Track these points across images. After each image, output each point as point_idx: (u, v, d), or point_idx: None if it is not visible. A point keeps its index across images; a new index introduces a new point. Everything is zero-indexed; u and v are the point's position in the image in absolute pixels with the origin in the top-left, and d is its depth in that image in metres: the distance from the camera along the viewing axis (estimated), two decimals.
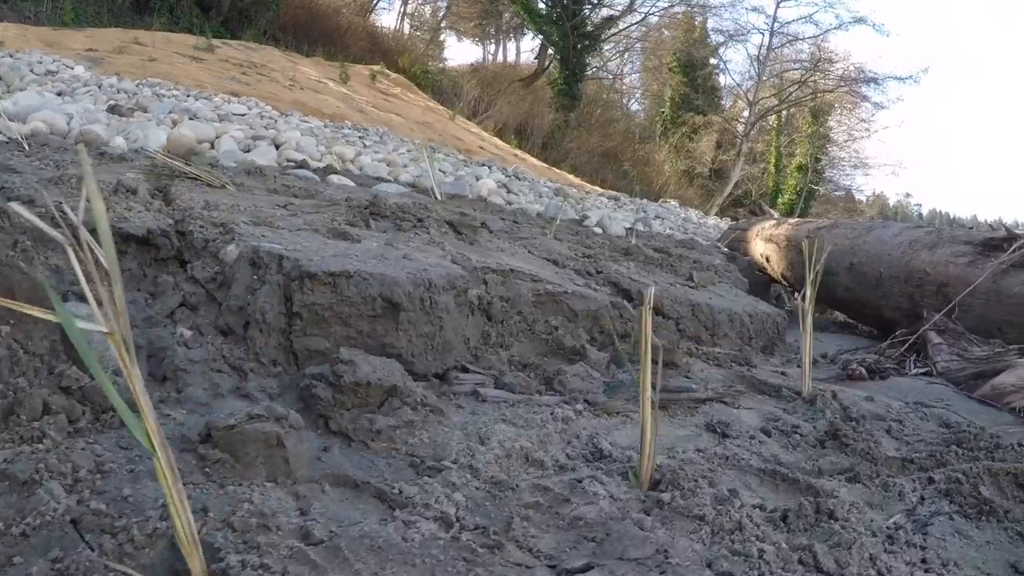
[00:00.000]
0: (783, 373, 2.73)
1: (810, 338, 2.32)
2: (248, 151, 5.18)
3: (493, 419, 1.61)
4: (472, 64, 31.28)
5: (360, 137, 8.35)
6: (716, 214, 21.58)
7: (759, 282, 6.89)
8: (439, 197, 4.09)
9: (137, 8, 17.60)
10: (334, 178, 3.39)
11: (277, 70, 14.65)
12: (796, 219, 7.56)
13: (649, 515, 1.27)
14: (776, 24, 26.31)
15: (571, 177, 15.89)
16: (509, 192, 6.73)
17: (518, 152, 16.36)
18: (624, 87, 36.84)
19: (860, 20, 24.72)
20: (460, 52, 60.29)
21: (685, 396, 2.08)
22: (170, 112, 6.54)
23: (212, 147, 5.35)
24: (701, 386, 2.17)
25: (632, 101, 37.57)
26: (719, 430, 1.86)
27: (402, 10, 31.76)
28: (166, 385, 1.54)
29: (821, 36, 26.00)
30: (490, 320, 2.17)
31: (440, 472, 1.25)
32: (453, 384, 1.79)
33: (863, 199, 36.48)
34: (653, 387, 1.99)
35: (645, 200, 14.61)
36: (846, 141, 29.42)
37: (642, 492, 1.34)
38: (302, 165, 4.90)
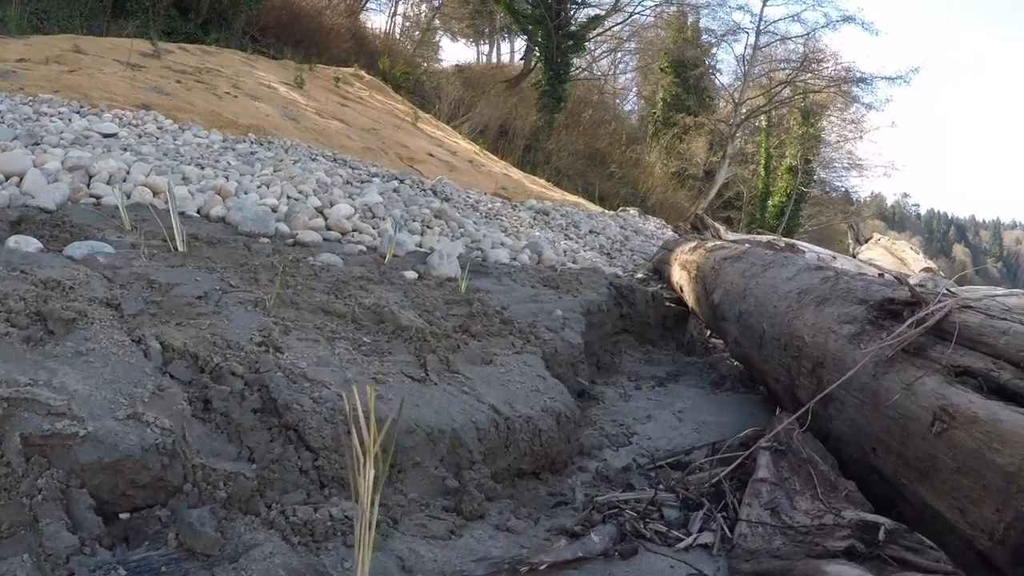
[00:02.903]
0: (402, 565, 1.62)
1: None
2: (52, 182, 4.83)
3: None
4: (457, 65, 30.87)
5: (251, 153, 7.92)
6: None
7: (674, 315, 6.18)
8: (179, 248, 3.66)
9: (113, 11, 17.32)
10: (12, 241, 2.95)
11: (227, 75, 14.30)
12: (713, 243, 6.86)
13: None
14: (762, 23, 25.61)
15: (532, 186, 15.37)
16: (373, 218, 6.27)
17: (477, 157, 15.86)
18: (615, 88, 36.21)
19: (848, 19, 23.93)
20: (455, 53, 59.91)
21: None
22: (14, 138, 6.19)
23: (20, 182, 4.99)
24: None
25: (625, 102, 36.94)
26: None
27: (392, 10, 31.46)
28: None
29: (808, 35, 25.25)
30: None
31: None
32: None
33: (860, 200, 35.54)
34: None
35: (596, 208, 14.06)
36: (837, 142, 28.60)
37: None
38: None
